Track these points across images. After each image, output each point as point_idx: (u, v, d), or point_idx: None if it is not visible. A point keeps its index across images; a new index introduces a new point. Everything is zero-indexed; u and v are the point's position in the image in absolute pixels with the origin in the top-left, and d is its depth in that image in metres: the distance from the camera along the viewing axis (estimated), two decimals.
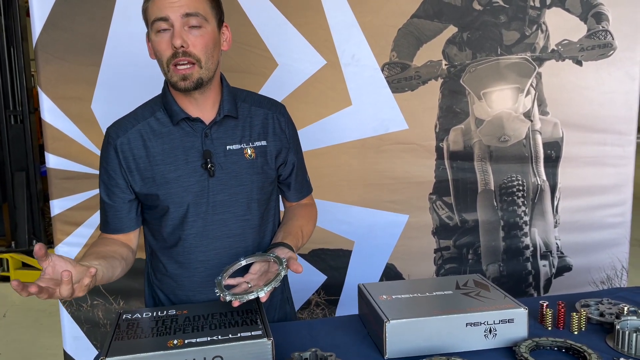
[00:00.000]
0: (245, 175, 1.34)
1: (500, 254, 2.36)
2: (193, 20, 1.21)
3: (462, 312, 1.21)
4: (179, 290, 1.39)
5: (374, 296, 1.31)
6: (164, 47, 1.22)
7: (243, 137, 1.35)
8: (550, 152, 2.32)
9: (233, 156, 1.33)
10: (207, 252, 1.35)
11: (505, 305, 1.25)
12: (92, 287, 1.08)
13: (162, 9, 1.20)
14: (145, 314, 1.26)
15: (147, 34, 1.28)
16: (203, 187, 1.31)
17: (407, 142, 2.25)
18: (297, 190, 1.50)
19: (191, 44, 1.22)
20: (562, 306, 1.32)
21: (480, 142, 2.28)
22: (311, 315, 2.33)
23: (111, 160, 1.32)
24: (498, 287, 1.36)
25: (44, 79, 2.09)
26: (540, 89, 2.28)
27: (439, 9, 2.19)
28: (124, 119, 1.35)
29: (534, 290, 2.40)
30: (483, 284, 1.39)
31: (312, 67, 2.17)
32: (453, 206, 2.32)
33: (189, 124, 1.32)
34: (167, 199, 1.30)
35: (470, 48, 2.22)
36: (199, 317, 1.23)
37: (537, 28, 2.25)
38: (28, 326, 3.80)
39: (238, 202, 1.34)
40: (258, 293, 1.14)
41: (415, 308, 1.25)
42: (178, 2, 1.20)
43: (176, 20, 1.20)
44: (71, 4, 2.04)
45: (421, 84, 2.23)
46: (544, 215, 2.36)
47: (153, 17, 1.21)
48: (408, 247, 2.33)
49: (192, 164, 1.30)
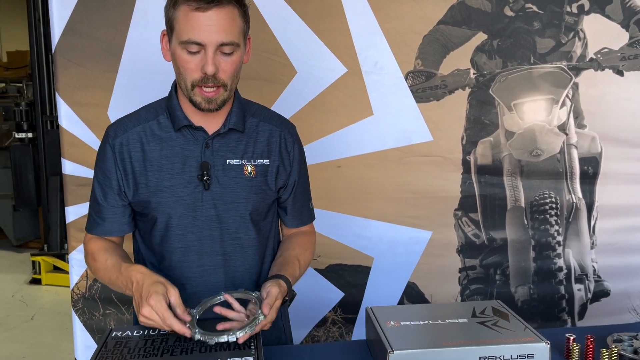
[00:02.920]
0: (242, 193, 1.27)
1: (530, 275, 2.21)
2: (227, 48, 1.16)
3: (476, 344, 1.10)
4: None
5: (380, 321, 1.22)
6: (193, 68, 1.16)
7: (245, 152, 1.28)
8: (587, 168, 2.16)
9: (232, 171, 1.26)
10: (193, 269, 1.28)
11: (525, 338, 1.13)
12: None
13: (198, 31, 1.13)
14: (136, 332, 1.20)
15: (166, 34, 1.22)
16: (196, 199, 1.25)
17: (432, 154, 2.14)
18: (295, 216, 1.42)
19: (222, 69, 1.17)
20: (591, 341, 1.19)
21: (510, 156, 2.15)
22: (327, 334, 2.23)
23: (107, 159, 1.27)
24: (519, 317, 1.23)
25: (61, 84, 2.08)
26: (577, 100, 2.13)
27: (468, 15, 2.08)
28: (126, 118, 1.31)
29: (567, 316, 2.24)
30: (502, 312, 1.27)
31: (333, 75, 2.08)
32: (480, 223, 2.19)
33: (191, 132, 1.26)
34: (157, 208, 1.24)
35: (500, 56, 2.10)
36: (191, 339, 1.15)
37: (574, 35, 2.10)
38: (54, 329, 3.82)
39: (230, 219, 1.27)
40: (229, 337, 1.06)
41: (425, 337, 1.14)
42: (215, 27, 1.13)
43: (211, 46, 1.14)
44: (89, 10, 2.03)
45: (447, 94, 2.12)
46: (580, 236, 2.20)
47: (185, 37, 1.14)
48: (431, 265, 2.20)
49: (188, 174, 1.24)
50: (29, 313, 4.15)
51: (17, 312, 4.16)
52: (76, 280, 2.22)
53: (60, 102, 2.09)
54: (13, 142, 5.26)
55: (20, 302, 4.38)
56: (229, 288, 1.29)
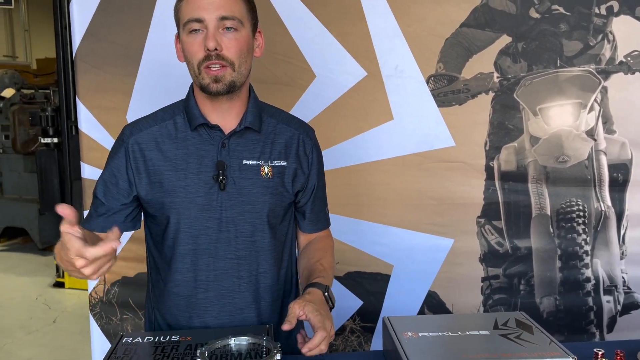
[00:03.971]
0: (258, 195, 1.24)
1: (556, 286, 2.13)
2: (228, 22, 1.15)
3: (498, 357, 1.05)
4: (176, 310, 1.29)
5: (397, 332, 1.17)
6: (196, 48, 1.16)
7: (262, 153, 1.26)
8: (616, 175, 2.08)
9: (248, 172, 1.23)
10: (207, 272, 1.25)
11: (551, 352, 1.07)
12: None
13: (197, 9, 1.14)
14: (147, 339, 1.18)
15: (177, 35, 1.23)
16: (211, 201, 1.22)
17: (454, 160, 2.08)
18: (313, 221, 1.39)
19: (225, 46, 1.15)
20: (620, 356, 1.12)
21: (535, 162, 2.08)
22: (345, 343, 2.19)
23: (119, 157, 1.25)
24: (544, 330, 1.17)
25: (81, 88, 2.10)
26: (606, 105, 2.05)
27: (491, 17, 2.02)
28: (143, 119, 1.30)
29: (595, 329, 2.15)
30: (526, 324, 1.21)
31: (352, 79, 2.05)
32: (504, 231, 2.12)
33: (207, 131, 1.24)
34: (171, 208, 1.22)
35: (525, 59, 2.04)
36: (202, 345, 1.12)
37: (603, 38, 2.03)
38: (75, 333, 3.85)
39: (246, 222, 1.24)
40: None
41: (443, 350, 1.09)
42: (214, 4, 1.14)
43: (211, 22, 1.14)
44: (109, 15, 2.04)
45: (470, 98, 2.06)
46: (609, 245, 2.11)
47: (187, 18, 1.15)
48: (452, 274, 2.14)
49: (203, 174, 1.22)
50: (52, 316, 4.19)
51: (39, 315, 4.21)
52: (94, 284, 2.22)
53: (80, 106, 2.11)
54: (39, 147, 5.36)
55: (43, 305, 4.43)
56: (243, 292, 1.26)
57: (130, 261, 2.20)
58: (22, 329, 3.94)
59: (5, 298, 4.57)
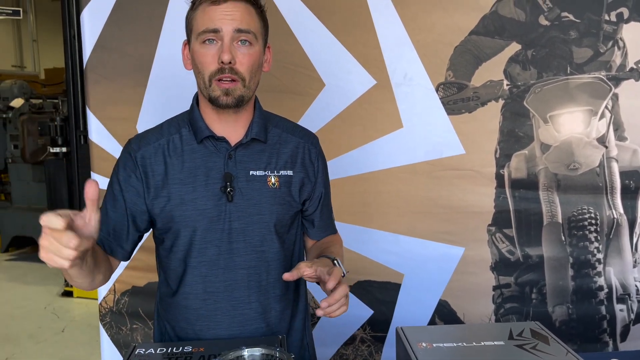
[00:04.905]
0: (265, 205, 1.24)
1: (569, 294, 2.11)
2: (244, 36, 1.16)
3: None
4: (185, 322, 1.29)
5: (411, 343, 1.16)
6: (209, 60, 1.16)
7: (269, 163, 1.26)
8: (628, 183, 2.07)
9: (255, 182, 1.23)
10: (216, 283, 1.24)
11: None
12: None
13: (215, 20, 1.14)
14: (160, 350, 1.17)
15: (187, 43, 1.23)
16: (220, 212, 1.22)
17: (464, 168, 2.07)
18: (322, 228, 1.39)
19: (239, 61, 1.16)
20: None
21: (546, 170, 2.07)
22: (355, 353, 2.17)
23: (128, 171, 1.25)
24: (559, 340, 1.16)
25: (92, 99, 2.11)
26: (617, 112, 2.04)
27: (501, 24, 2.02)
28: (149, 132, 1.30)
29: (608, 338, 2.13)
30: (542, 334, 1.19)
31: (361, 87, 2.05)
32: (515, 239, 2.11)
33: (213, 143, 1.24)
34: (181, 222, 1.22)
35: (535, 67, 2.03)
36: (215, 357, 1.12)
37: (614, 44, 2.02)
38: (84, 343, 3.85)
39: (254, 232, 1.23)
40: None
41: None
42: (232, 15, 1.15)
43: (227, 34, 1.15)
44: (120, 26, 2.05)
45: (480, 106, 2.05)
46: (621, 254, 2.09)
47: (202, 28, 1.16)
48: (463, 282, 2.12)
49: (211, 186, 1.22)
50: (60, 325, 4.19)
51: (48, 324, 4.21)
52: (104, 294, 2.22)
53: (91, 117, 2.12)
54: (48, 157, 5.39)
55: (51, 314, 4.44)
56: (252, 302, 1.26)
57: (140, 270, 2.20)
58: (31, 338, 3.94)
59: (14, 307, 4.58)
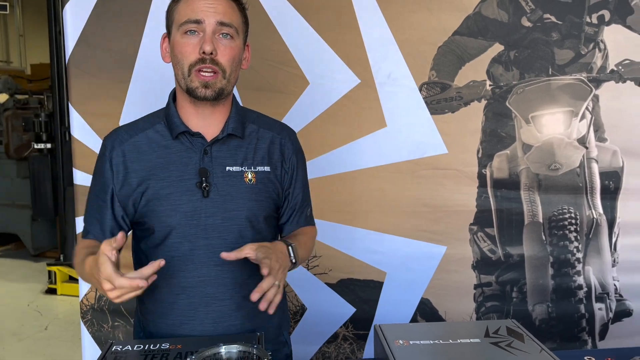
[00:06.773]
0: (242, 201, 1.24)
1: (549, 293, 2.13)
2: (225, 29, 1.17)
3: None
4: (159, 319, 1.28)
5: (389, 340, 1.17)
6: (190, 50, 1.16)
7: (245, 159, 1.26)
8: (608, 183, 2.09)
9: (232, 178, 1.23)
10: (190, 279, 1.24)
11: None
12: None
13: (197, 11, 1.16)
14: (137, 347, 1.17)
15: (166, 35, 1.24)
16: (195, 208, 1.22)
17: (447, 167, 2.09)
18: (296, 224, 1.39)
19: (220, 52, 1.17)
20: None
21: (527, 170, 2.09)
22: (338, 351, 2.18)
23: (105, 172, 1.25)
24: (534, 338, 1.17)
25: (74, 95, 2.09)
26: (597, 113, 2.07)
27: (484, 25, 2.04)
28: (122, 129, 1.29)
29: (587, 336, 2.15)
30: (517, 332, 1.21)
31: (345, 86, 2.05)
32: (496, 238, 2.13)
33: (189, 139, 1.24)
34: (155, 217, 1.22)
35: (517, 68, 2.05)
36: (193, 354, 1.12)
37: (595, 46, 2.05)
38: (67, 340, 3.82)
39: (230, 228, 1.23)
40: None
41: (434, 358, 1.09)
42: (215, 8, 1.16)
43: (209, 25, 1.16)
44: (103, 21, 2.03)
45: (463, 106, 2.07)
46: (600, 253, 2.12)
47: (185, 18, 1.16)
48: (445, 281, 2.14)
49: (186, 182, 1.22)
50: (43, 323, 4.15)
51: (31, 322, 4.17)
52: (85, 291, 2.21)
53: (73, 112, 2.10)
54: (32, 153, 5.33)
55: (35, 311, 4.40)
56: (226, 299, 1.26)
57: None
58: (14, 335, 3.90)
59: None
